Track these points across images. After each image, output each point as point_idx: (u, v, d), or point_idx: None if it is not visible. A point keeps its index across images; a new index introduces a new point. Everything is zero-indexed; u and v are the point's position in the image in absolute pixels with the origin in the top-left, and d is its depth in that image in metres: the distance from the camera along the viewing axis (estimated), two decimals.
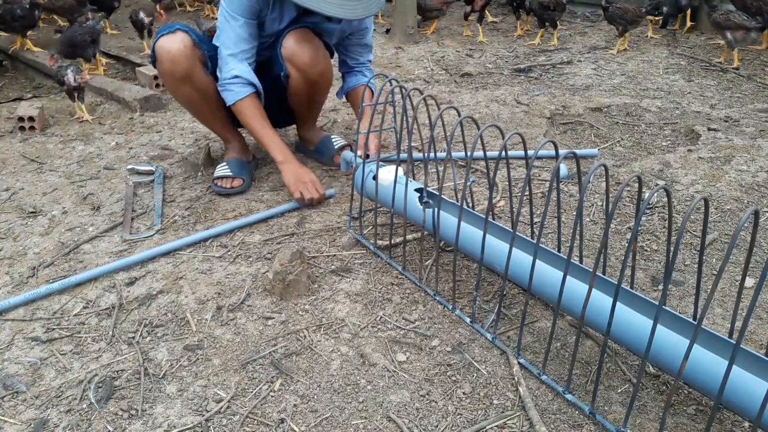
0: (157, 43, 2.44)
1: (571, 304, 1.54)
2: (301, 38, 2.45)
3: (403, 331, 1.78)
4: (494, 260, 1.75)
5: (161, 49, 2.43)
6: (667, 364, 1.40)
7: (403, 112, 1.98)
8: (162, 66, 2.47)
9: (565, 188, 2.58)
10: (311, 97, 2.67)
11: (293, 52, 2.44)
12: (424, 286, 1.96)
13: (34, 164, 2.94)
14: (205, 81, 2.52)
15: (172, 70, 2.45)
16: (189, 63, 2.44)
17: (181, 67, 2.44)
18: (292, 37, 2.44)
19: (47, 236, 2.32)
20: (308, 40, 2.46)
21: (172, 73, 2.46)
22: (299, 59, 2.45)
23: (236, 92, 2.45)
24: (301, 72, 2.48)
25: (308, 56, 2.45)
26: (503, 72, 4.21)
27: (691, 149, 2.92)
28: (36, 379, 1.64)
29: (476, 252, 1.76)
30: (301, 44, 2.44)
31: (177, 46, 2.41)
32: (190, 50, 2.43)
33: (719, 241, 2.19)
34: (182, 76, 2.46)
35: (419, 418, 1.49)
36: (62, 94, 3.78)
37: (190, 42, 2.43)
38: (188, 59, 2.43)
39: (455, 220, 1.77)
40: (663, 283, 1.69)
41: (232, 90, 2.45)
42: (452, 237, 1.82)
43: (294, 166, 2.52)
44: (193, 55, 2.44)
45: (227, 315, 1.87)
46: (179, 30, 2.44)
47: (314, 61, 2.48)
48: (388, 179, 2.06)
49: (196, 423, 1.49)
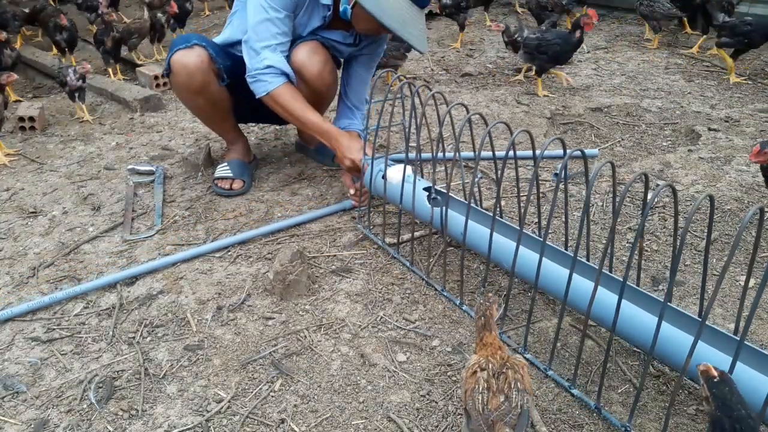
0: (174, 56, 2.41)
1: (577, 300, 1.55)
2: (312, 51, 2.42)
3: (404, 331, 1.78)
4: (501, 257, 1.76)
5: (177, 64, 2.40)
6: (671, 360, 1.40)
7: (411, 109, 1.99)
8: (177, 79, 2.44)
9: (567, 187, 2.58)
10: (317, 104, 2.61)
11: (302, 64, 2.40)
12: (432, 282, 1.97)
13: (34, 164, 2.94)
14: (218, 93, 2.49)
15: (188, 84, 2.42)
16: (205, 77, 2.41)
17: (197, 81, 2.41)
18: (302, 49, 2.41)
19: (47, 236, 2.32)
20: (318, 53, 2.43)
21: (187, 86, 2.44)
22: (308, 71, 2.42)
23: (268, 82, 2.32)
24: (308, 84, 2.45)
25: (317, 69, 2.43)
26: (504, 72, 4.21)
27: (692, 149, 2.92)
28: (36, 380, 1.64)
29: (483, 249, 1.77)
30: (311, 57, 2.41)
31: (194, 60, 2.38)
32: (207, 65, 2.41)
33: (720, 241, 2.19)
34: (197, 90, 2.45)
35: (419, 418, 1.48)
36: (62, 94, 3.78)
37: (206, 57, 2.41)
38: (204, 74, 2.41)
39: (462, 217, 1.78)
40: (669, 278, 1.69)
41: (264, 80, 2.33)
42: (459, 234, 1.83)
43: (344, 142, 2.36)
44: (209, 70, 2.42)
45: (227, 315, 1.87)
46: (196, 45, 2.40)
47: (322, 75, 2.45)
48: (397, 177, 2.08)
49: (197, 423, 1.49)
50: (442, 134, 1.81)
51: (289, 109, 2.36)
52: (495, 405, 1.22)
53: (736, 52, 3.78)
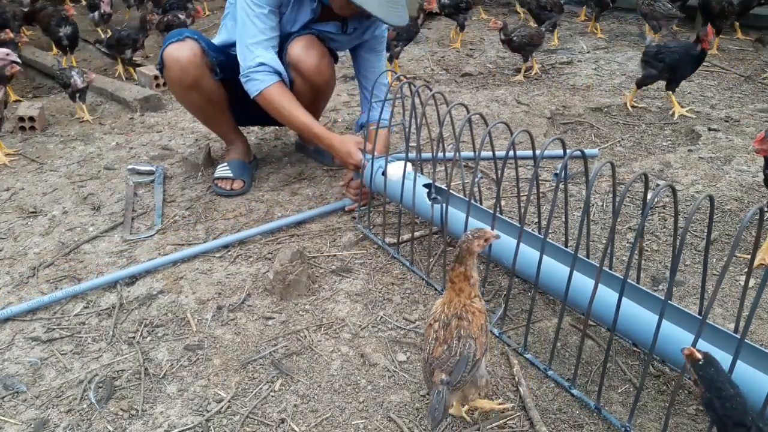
0: (166, 50, 2.40)
1: (578, 297, 1.55)
2: (308, 45, 2.40)
3: (404, 331, 1.78)
4: (501, 255, 1.76)
5: (169, 57, 2.39)
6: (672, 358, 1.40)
7: (411, 109, 2.00)
8: (170, 74, 2.43)
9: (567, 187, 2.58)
10: (314, 102, 2.62)
11: (299, 59, 2.39)
12: (432, 282, 1.97)
13: (34, 164, 2.94)
14: (212, 87, 2.48)
15: (180, 78, 2.42)
16: (198, 71, 2.41)
17: (190, 75, 2.40)
18: (298, 44, 2.39)
19: (47, 236, 2.32)
20: (314, 47, 2.41)
21: (180, 81, 2.43)
22: (304, 66, 2.40)
23: (261, 81, 2.31)
24: (305, 79, 2.44)
25: (313, 64, 2.41)
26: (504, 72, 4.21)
27: (692, 149, 2.92)
28: (36, 379, 1.64)
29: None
30: (307, 51, 2.39)
31: (186, 54, 2.37)
32: (200, 58, 2.40)
33: (719, 241, 2.19)
34: (190, 84, 2.44)
35: (419, 418, 1.48)
36: (63, 94, 3.78)
37: (199, 50, 2.39)
38: (197, 68, 2.40)
39: (463, 215, 1.79)
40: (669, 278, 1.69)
41: (257, 79, 2.31)
42: (460, 232, 1.83)
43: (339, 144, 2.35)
44: (201, 63, 2.41)
45: (227, 315, 1.87)
46: (188, 38, 2.40)
47: (319, 69, 2.43)
48: (397, 174, 2.08)
49: (197, 423, 1.49)
50: (442, 134, 1.81)
51: (280, 109, 2.35)
52: (438, 354, 1.30)
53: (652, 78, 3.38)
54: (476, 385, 1.35)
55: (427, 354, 1.33)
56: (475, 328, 1.31)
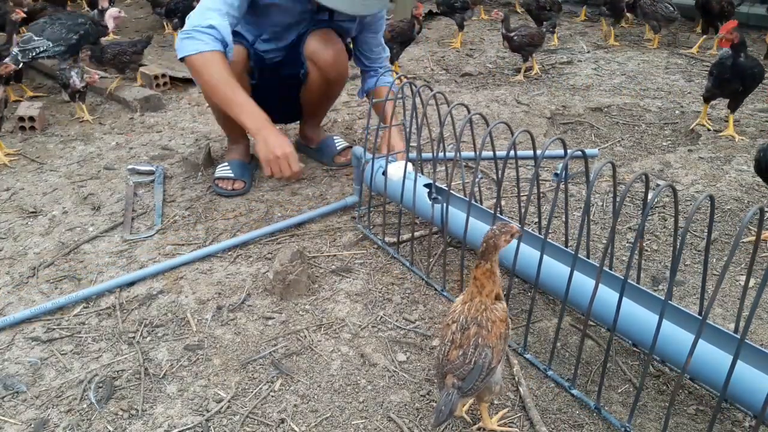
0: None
1: (578, 297, 1.55)
2: (325, 39, 2.49)
3: (404, 331, 1.78)
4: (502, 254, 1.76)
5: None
6: (672, 359, 1.40)
7: (412, 109, 2.00)
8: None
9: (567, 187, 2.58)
10: (327, 95, 2.71)
11: (316, 51, 2.48)
12: (432, 282, 1.97)
13: (34, 164, 2.94)
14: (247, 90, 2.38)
15: None
16: (238, 76, 2.34)
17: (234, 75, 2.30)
18: (316, 37, 2.48)
19: (47, 236, 2.32)
20: (332, 42, 2.51)
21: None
22: (321, 58, 2.49)
23: (203, 42, 2.16)
24: (322, 71, 2.52)
25: (331, 57, 2.50)
26: (504, 72, 4.21)
27: (692, 149, 2.92)
28: (36, 379, 1.64)
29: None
30: (325, 45, 2.49)
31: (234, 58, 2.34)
32: (242, 65, 2.44)
33: (719, 241, 2.19)
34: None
35: (419, 418, 1.48)
36: (63, 94, 3.77)
37: (245, 55, 2.44)
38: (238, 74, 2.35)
39: (463, 214, 1.79)
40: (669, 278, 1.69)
41: (199, 39, 2.15)
42: (460, 232, 1.83)
43: (266, 136, 2.18)
44: (243, 70, 2.45)
45: (227, 315, 1.87)
46: (237, 42, 2.38)
47: (336, 62, 2.52)
48: (398, 174, 2.09)
49: (197, 423, 1.49)
50: (443, 134, 1.82)
51: (215, 79, 2.19)
52: (452, 358, 1.28)
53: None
54: (491, 391, 1.34)
55: (442, 355, 1.30)
56: (493, 338, 1.29)
